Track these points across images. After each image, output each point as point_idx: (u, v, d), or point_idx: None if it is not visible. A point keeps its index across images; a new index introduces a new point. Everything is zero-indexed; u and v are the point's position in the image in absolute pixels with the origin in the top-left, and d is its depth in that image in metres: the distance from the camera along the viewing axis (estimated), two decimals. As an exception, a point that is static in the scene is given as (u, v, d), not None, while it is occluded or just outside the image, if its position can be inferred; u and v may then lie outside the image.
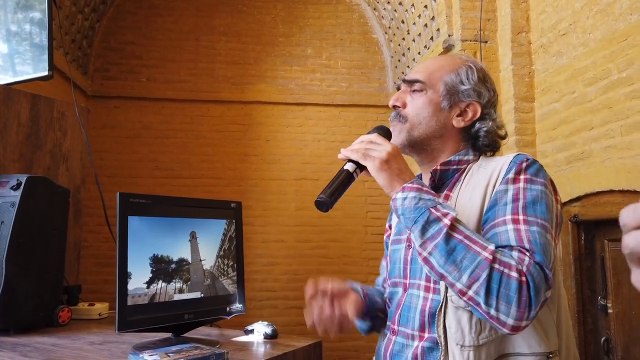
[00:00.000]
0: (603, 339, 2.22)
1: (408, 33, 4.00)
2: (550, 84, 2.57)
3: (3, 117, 1.79)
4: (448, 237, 0.82)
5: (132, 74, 4.30)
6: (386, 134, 1.02)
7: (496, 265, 0.79)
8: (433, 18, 3.46)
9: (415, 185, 0.89)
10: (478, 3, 2.98)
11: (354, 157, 0.93)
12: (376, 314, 1.15)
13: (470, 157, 1.04)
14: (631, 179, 1.97)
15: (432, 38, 3.56)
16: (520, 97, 2.73)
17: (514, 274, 0.78)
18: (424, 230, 0.84)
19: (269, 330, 1.37)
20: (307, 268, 4.25)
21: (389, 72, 4.58)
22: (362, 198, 4.33)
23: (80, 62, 4.01)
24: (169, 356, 0.97)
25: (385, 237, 1.25)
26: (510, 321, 0.78)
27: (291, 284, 4.21)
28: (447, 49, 3.14)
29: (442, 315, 0.90)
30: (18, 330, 1.41)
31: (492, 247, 0.81)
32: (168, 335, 1.28)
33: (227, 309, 1.32)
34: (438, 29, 3.38)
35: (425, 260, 0.85)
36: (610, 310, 2.19)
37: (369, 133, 1.00)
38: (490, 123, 1.04)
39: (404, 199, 0.87)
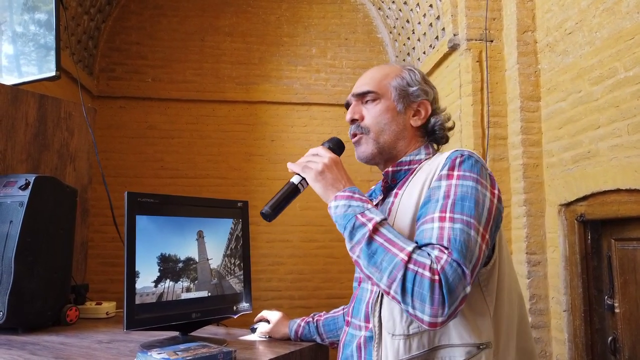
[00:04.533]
0: (610, 338, 2.21)
1: (413, 32, 4.00)
2: (556, 83, 2.56)
3: (11, 117, 1.80)
4: (370, 241, 0.87)
5: (137, 74, 4.32)
6: (335, 145, 1.07)
7: (411, 266, 0.82)
8: (438, 17, 3.45)
9: (346, 194, 0.94)
10: (483, 2, 2.97)
11: (296, 169, 1.01)
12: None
13: (423, 157, 1.08)
14: (638, 178, 1.96)
15: (437, 37, 3.56)
16: (526, 96, 2.72)
17: (427, 274, 0.81)
18: (351, 235, 0.89)
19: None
20: (313, 268, 4.26)
21: (393, 72, 4.57)
22: (367, 198, 4.33)
23: (85, 63, 4.03)
24: (177, 354, 0.97)
25: None
26: (426, 318, 0.81)
27: (296, 283, 4.22)
28: (453, 48, 3.13)
29: (378, 305, 0.95)
30: (26, 329, 1.42)
31: (410, 248, 0.85)
32: (175, 334, 1.28)
33: (234, 308, 1.32)
34: (443, 29, 3.37)
35: (356, 263, 0.90)
36: (617, 310, 2.18)
37: (322, 144, 1.06)
38: (441, 116, 1.11)
39: (336, 207, 0.93)
